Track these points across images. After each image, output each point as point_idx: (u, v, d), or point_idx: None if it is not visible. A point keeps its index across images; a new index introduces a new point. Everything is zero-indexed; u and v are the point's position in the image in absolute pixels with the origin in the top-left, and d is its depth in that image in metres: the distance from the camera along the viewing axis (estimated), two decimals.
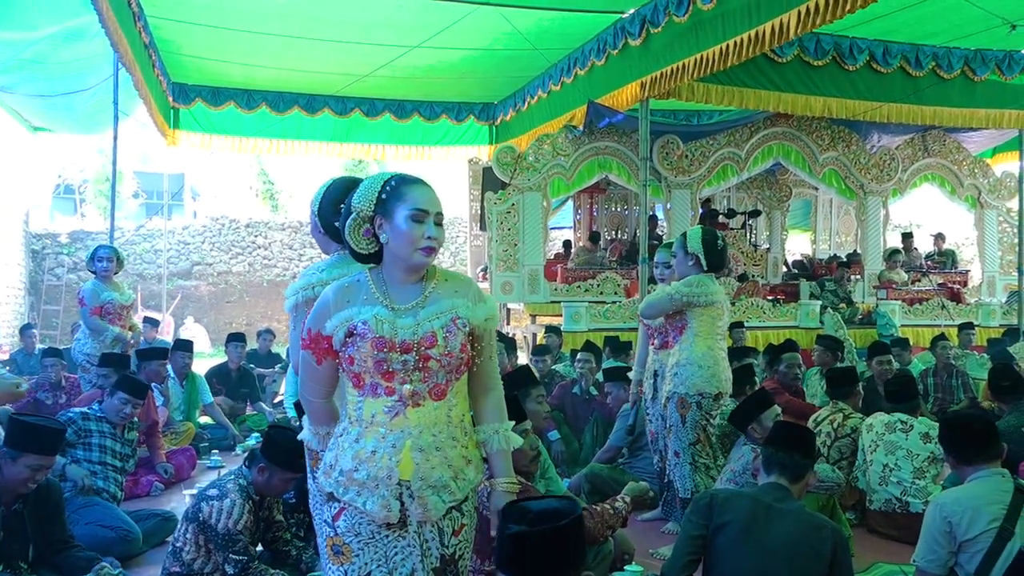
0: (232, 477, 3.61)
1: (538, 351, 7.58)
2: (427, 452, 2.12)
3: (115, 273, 6.73)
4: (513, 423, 2.35)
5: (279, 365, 9.34)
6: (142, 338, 7.92)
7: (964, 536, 2.87)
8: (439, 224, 2.16)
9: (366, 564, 2.17)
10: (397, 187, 2.15)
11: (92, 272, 6.75)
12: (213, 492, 3.52)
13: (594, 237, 11.30)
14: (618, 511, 3.30)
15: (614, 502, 3.34)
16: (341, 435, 2.21)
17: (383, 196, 2.14)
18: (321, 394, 2.28)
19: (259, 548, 3.77)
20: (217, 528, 3.40)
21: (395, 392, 2.13)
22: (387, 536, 2.16)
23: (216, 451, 6.51)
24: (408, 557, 2.16)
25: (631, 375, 5.26)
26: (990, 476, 3.02)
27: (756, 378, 5.84)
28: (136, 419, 5.06)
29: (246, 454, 3.81)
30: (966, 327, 9.00)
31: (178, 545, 3.52)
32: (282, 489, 3.62)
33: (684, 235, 4.59)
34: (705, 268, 4.43)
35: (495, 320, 2.27)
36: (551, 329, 8.34)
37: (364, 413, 2.15)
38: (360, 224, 2.16)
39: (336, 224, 2.35)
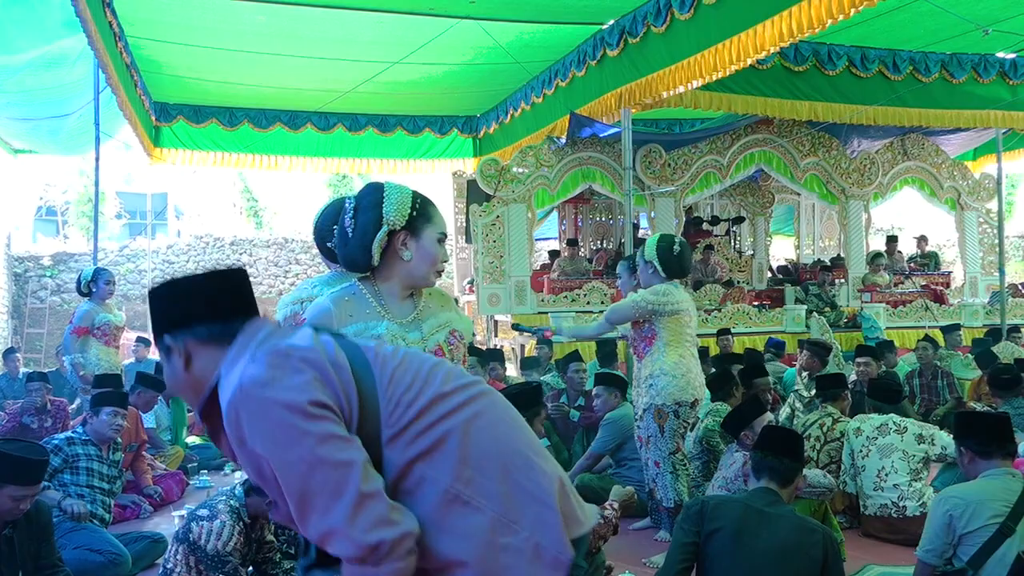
0: (223, 498, 3.58)
1: (527, 364, 7.59)
2: None
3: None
4: None
5: None
6: (126, 363, 7.88)
7: (964, 529, 2.92)
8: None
9: None
10: (424, 207, 2.20)
11: (83, 294, 6.72)
12: (203, 512, 3.49)
13: (571, 242, 11.33)
14: (608, 520, 3.29)
15: (603, 510, 3.33)
16: None
17: (414, 213, 2.17)
18: None
19: (250, 569, 3.74)
20: (207, 549, 3.37)
21: None
22: None
23: (205, 471, 6.46)
24: None
25: None
26: (1001, 474, 3.05)
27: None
28: (119, 440, 5.01)
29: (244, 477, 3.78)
30: (952, 328, 9.07)
31: (168, 567, 3.49)
32: (263, 509, 3.56)
33: (643, 244, 4.57)
34: (664, 276, 4.37)
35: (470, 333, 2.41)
36: (542, 340, 8.34)
37: None
38: (386, 236, 2.15)
39: (329, 244, 2.36)
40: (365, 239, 2.12)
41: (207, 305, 1.56)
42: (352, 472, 1.35)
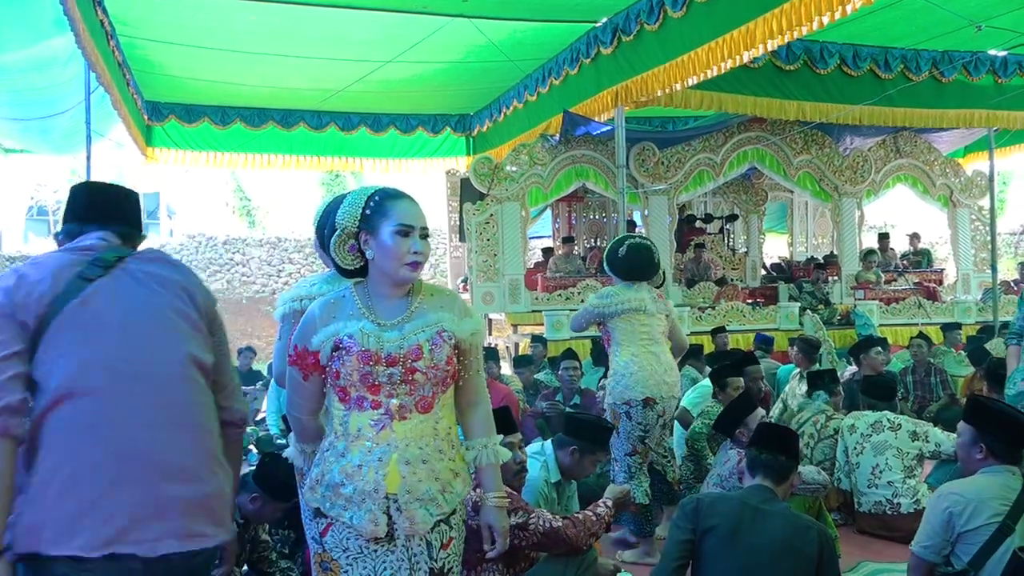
0: None
1: (520, 362, 7.58)
2: (413, 465, 2.12)
3: None
4: (502, 436, 2.36)
5: (260, 383, 9.26)
6: None
7: (963, 528, 2.85)
8: (425, 238, 2.16)
9: None
10: (381, 202, 2.15)
11: None
12: None
13: (567, 240, 11.33)
14: (600, 517, 3.27)
15: (596, 507, 3.31)
16: (327, 450, 2.20)
17: (367, 212, 2.14)
18: (307, 410, 2.28)
19: (244, 568, 3.73)
20: None
21: (381, 405, 2.13)
22: (375, 551, 2.15)
23: None
24: (397, 572, 2.15)
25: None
26: (1001, 471, 2.97)
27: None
28: None
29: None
30: (953, 327, 9.07)
31: None
32: (273, 518, 3.57)
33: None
34: (619, 277, 4.36)
35: (481, 335, 2.28)
36: (536, 338, 8.35)
37: (350, 427, 2.14)
38: (345, 240, 2.16)
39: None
40: (328, 248, 2.20)
41: (70, 208, 2.14)
42: None
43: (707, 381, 5.75)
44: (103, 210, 2.11)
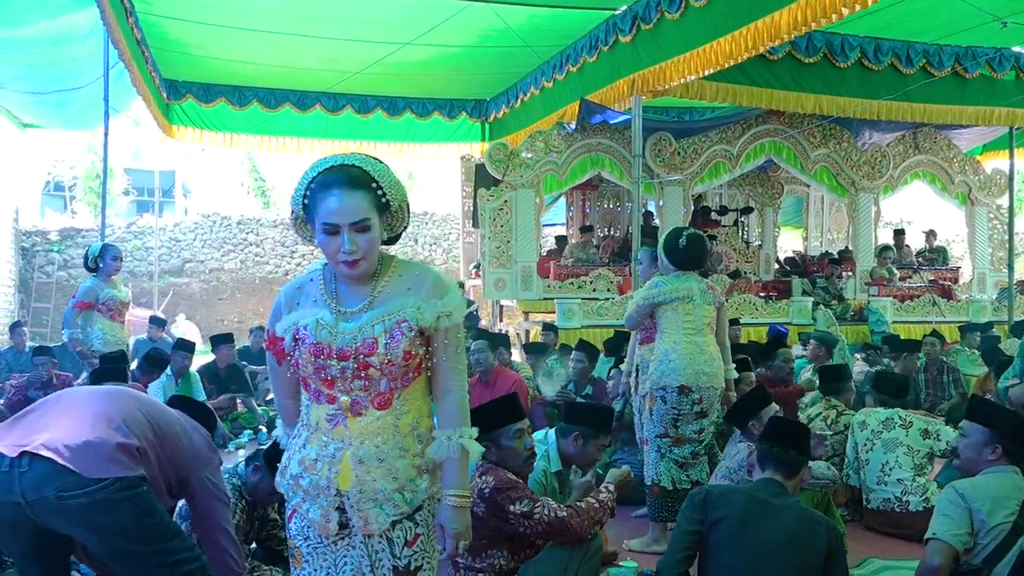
0: (226, 476, 3.59)
1: (531, 349, 7.58)
2: (367, 463, 2.02)
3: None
4: (475, 429, 2.14)
5: None
6: (136, 338, 7.90)
7: (986, 525, 2.81)
8: (363, 231, 1.96)
9: (315, 571, 2.13)
10: (315, 192, 1.97)
11: (90, 270, 6.71)
12: None
13: (585, 229, 11.30)
14: (603, 503, 3.23)
15: (598, 494, 3.29)
16: (294, 437, 2.15)
17: (307, 200, 1.99)
18: (286, 394, 2.22)
19: (253, 546, 3.75)
20: None
21: (335, 400, 2.04)
22: (335, 544, 2.10)
23: None
24: (358, 569, 2.10)
25: (623, 366, 5.29)
26: (1007, 471, 2.98)
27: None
28: None
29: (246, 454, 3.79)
30: (973, 328, 8.97)
31: None
32: (266, 493, 3.54)
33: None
34: (673, 268, 4.49)
35: (454, 317, 2.06)
36: (548, 326, 8.34)
37: (311, 418, 2.08)
38: (300, 225, 2.06)
39: None
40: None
41: None
42: None
43: None
44: None
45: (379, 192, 1.99)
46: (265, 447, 3.71)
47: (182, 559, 2.51)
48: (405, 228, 2.17)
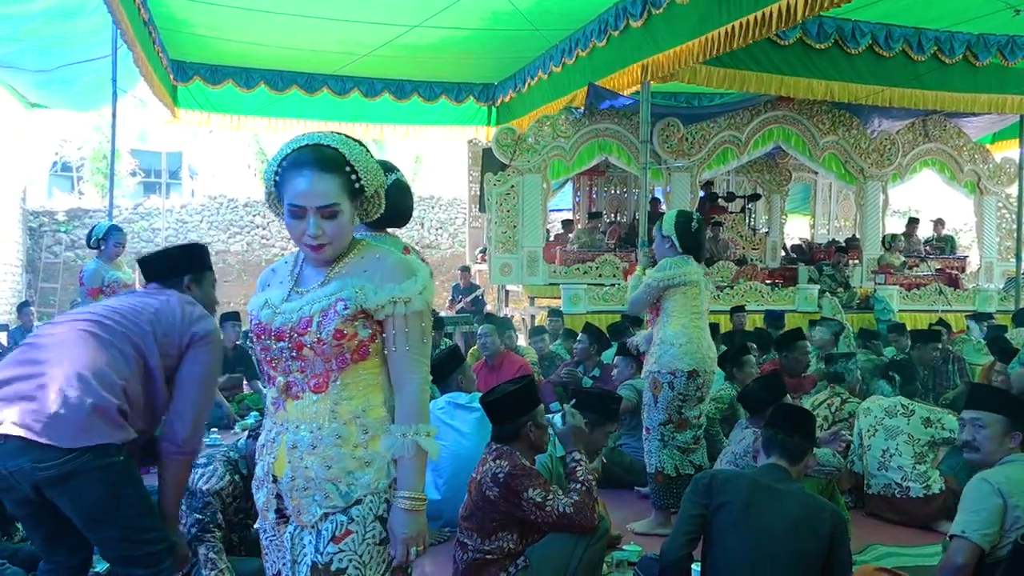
0: (224, 448, 3.64)
1: (536, 332, 7.61)
2: (300, 450, 1.91)
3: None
4: (434, 428, 1.97)
5: None
6: None
7: (1020, 519, 2.68)
8: (330, 217, 1.87)
9: (272, 564, 2.06)
10: (286, 170, 1.88)
11: (91, 248, 6.74)
12: (201, 460, 3.55)
13: (594, 215, 11.30)
14: (585, 484, 3.10)
15: (575, 474, 3.14)
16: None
17: (277, 178, 1.90)
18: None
19: (255, 527, 3.78)
20: (192, 489, 3.41)
21: (275, 382, 1.97)
22: (277, 535, 2.02)
23: (215, 429, 6.52)
24: (280, 562, 2.02)
25: (632, 341, 5.27)
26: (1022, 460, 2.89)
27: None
28: None
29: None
30: (983, 317, 8.91)
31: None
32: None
33: (661, 218, 4.60)
34: (680, 250, 4.40)
35: (413, 304, 1.90)
36: (554, 312, 8.35)
37: (268, 402, 2.03)
38: (273, 202, 1.98)
39: None
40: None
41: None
42: None
43: None
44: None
45: (352, 176, 1.89)
46: None
47: (149, 539, 2.47)
48: (380, 213, 2.03)
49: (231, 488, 3.43)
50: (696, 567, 3.02)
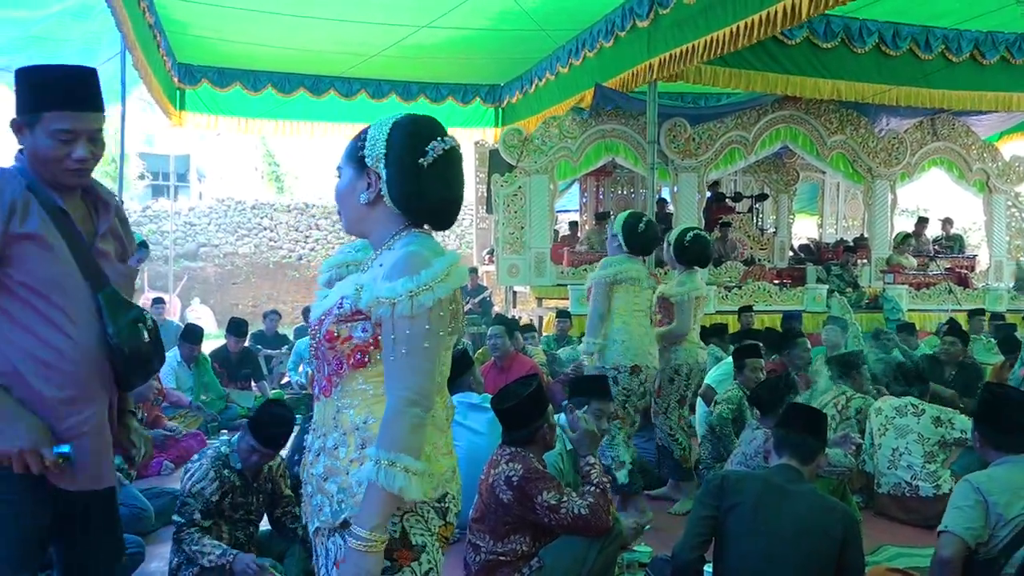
0: (217, 444, 3.63)
1: (527, 330, 7.69)
2: (312, 453, 1.81)
3: None
4: (412, 460, 1.64)
5: (286, 346, 9.37)
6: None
7: (1004, 518, 2.77)
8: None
9: None
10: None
11: None
12: (194, 457, 3.57)
13: (602, 216, 11.29)
14: (600, 485, 3.10)
15: (590, 476, 3.15)
16: None
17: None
18: None
19: (266, 527, 3.77)
20: (182, 487, 3.42)
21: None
22: None
23: (225, 431, 6.55)
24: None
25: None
26: (1020, 462, 2.92)
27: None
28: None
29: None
30: (977, 313, 8.94)
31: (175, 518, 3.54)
32: (248, 456, 3.48)
33: (614, 217, 4.74)
34: (625, 249, 4.56)
35: (399, 307, 1.64)
36: (561, 313, 8.35)
37: None
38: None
39: None
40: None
41: None
42: None
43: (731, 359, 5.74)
44: None
45: (359, 143, 1.84)
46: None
47: None
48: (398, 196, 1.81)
49: (219, 485, 3.42)
50: (708, 568, 3.01)
